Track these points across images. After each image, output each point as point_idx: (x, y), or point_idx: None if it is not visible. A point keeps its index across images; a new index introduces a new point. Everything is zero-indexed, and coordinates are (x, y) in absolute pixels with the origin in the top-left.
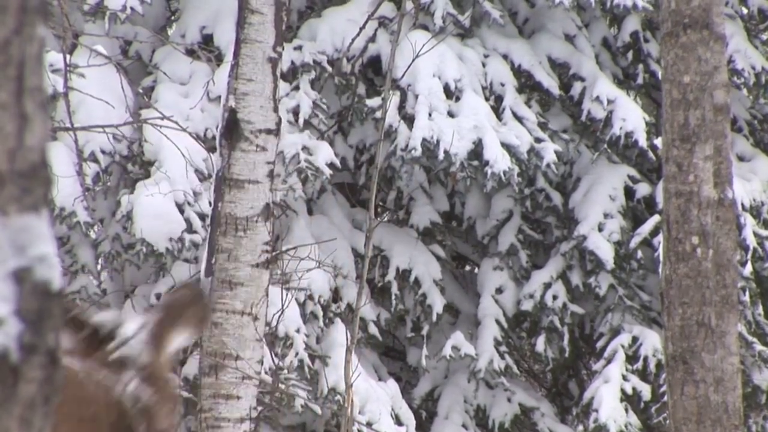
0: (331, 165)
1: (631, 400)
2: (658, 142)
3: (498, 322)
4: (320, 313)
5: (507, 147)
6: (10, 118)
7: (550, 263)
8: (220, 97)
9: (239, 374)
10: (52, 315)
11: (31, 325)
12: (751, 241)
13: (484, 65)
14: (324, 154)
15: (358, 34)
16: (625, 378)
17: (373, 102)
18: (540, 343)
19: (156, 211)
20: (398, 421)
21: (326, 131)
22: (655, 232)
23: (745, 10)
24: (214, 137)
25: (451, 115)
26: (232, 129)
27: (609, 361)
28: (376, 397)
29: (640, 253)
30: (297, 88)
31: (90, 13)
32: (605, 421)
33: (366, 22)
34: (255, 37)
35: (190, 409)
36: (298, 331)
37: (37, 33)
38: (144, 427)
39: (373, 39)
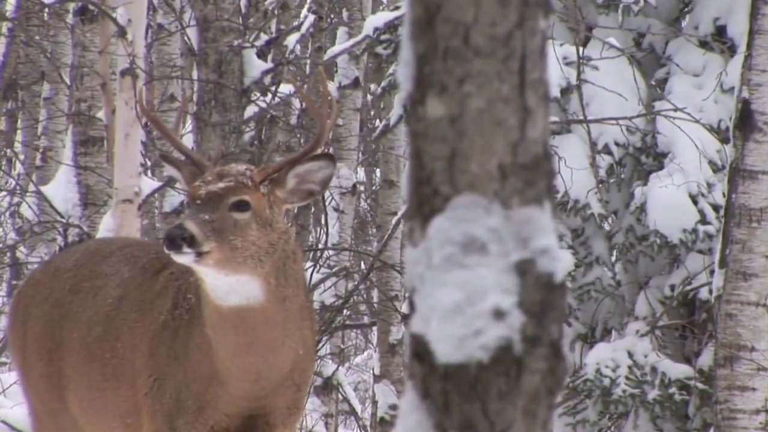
0: None
1: None
2: None
3: None
4: None
5: None
6: (513, 111)
7: None
8: (733, 88)
9: (754, 366)
10: (554, 307)
11: (534, 318)
12: None
13: None
14: None
15: None
16: None
17: None
18: None
19: (669, 202)
20: None
21: None
22: None
23: None
24: (727, 129)
25: None
26: (746, 120)
27: None
28: None
29: None
30: None
31: (603, 6)
32: None
33: None
34: None
35: (705, 400)
36: None
37: (538, 26)
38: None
39: None
